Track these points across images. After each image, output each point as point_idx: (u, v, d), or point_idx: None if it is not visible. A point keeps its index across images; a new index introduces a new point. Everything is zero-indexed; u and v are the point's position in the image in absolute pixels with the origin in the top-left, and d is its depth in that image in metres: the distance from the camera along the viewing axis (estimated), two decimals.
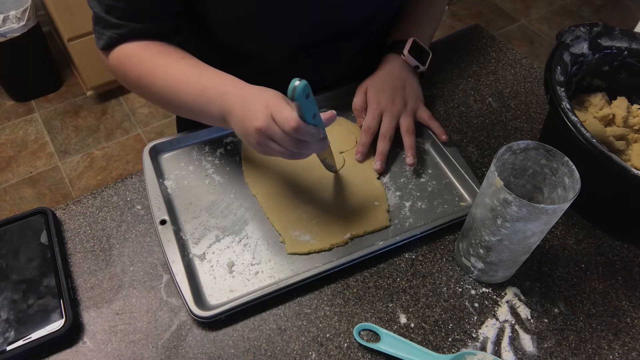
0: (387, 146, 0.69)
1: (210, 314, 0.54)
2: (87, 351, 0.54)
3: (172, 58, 0.62)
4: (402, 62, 0.75)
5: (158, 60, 0.61)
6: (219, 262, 0.59)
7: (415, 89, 0.75)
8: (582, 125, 0.56)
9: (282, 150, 0.53)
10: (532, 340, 0.56)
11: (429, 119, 0.73)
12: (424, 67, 0.76)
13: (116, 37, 0.62)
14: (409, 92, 0.74)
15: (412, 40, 0.75)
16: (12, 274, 0.57)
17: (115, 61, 0.64)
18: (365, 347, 0.54)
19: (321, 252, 0.61)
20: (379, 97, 0.72)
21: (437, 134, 0.72)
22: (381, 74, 0.74)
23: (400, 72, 0.74)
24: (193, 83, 0.59)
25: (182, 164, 0.69)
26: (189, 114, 0.63)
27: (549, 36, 2.34)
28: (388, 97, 0.72)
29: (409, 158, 0.69)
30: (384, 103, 0.71)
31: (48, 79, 2.00)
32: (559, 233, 0.65)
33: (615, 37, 0.69)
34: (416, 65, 0.75)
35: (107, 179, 1.75)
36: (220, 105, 0.57)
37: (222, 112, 0.57)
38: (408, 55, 0.74)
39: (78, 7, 1.66)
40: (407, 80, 0.74)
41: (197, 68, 0.61)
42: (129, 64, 0.62)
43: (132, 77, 0.63)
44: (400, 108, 0.72)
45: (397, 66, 0.75)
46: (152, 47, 0.63)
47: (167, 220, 0.61)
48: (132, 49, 0.62)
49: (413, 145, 0.70)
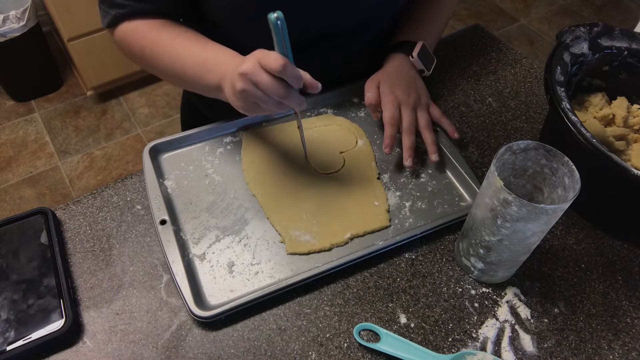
0: (413, 140, 0.68)
1: (210, 314, 0.54)
2: (87, 351, 0.54)
3: (175, 32, 0.64)
4: (410, 62, 0.75)
5: (162, 34, 0.64)
6: (219, 262, 0.59)
7: (424, 87, 0.75)
8: (582, 125, 0.56)
9: (266, 98, 0.53)
10: (532, 340, 0.56)
11: (440, 116, 0.73)
12: (428, 73, 0.76)
13: (119, 16, 0.65)
14: (421, 88, 0.74)
15: (421, 43, 0.74)
16: (12, 274, 0.57)
17: (120, 36, 0.67)
18: (365, 347, 0.54)
19: (321, 252, 0.61)
20: (394, 89, 0.70)
21: (448, 132, 0.72)
22: (390, 70, 0.74)
23: (409, 69, 0.74)
24: (196, 54, 0.62)
25: (182, 164, 0.69)
26: (189, 85, 0.65)
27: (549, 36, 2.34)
28: (403, 89, 0.71)
29: (434, 155, 0.68)
30: (400, 95, 0.70)
31: (48, 79, 2.00)
32: (559, 233, 0.65)
33: (615, 37, 0.69)
34: (422, 69, 0.75)
35: (107, 179, 1.75)
36: (217, 73, 0.59)
37: (219, 79, 0.59)
38: (416, 58, 0.74)
39: (78, 7, 1.66)
40: (416, 78, 0.74)
41: (200, 41, 0.63)
42: (133, 38, 0.66)
43: (136, 50, 0.66)
44: (416, 101, 0.71)
45: (405, 64, 0.74)
46: (156, 22, 0.65)
47: (167, 220, 0.61)
48: (136, 25, 0.65)
49: (435, 140, 0.69)
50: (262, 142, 0.71)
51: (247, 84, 0.53)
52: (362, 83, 0.75)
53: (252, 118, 0.73)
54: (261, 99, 0.54)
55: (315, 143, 0.71)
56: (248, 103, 0.55)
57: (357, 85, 0.78)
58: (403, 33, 0.78)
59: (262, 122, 0.74)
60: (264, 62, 0.51)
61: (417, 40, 0.75)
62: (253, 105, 0.55)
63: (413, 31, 0.78)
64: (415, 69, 0.75)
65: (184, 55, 0.62)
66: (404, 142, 0.68)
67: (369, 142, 0.73)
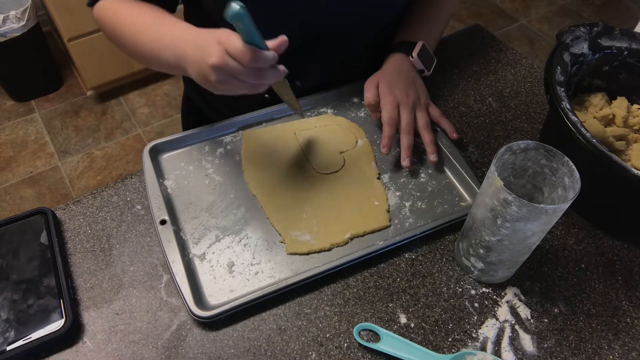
0: (411, 140, 0.68)
1: (210, 314, 0.54)
2: (87, 351, 0.54)
3: (142, 10, 0.64)
4: (410, 62, 0.75)
5: (129, 12, 0.64)
6: (219, 262, 0.59)
7: (423, 87, 0.75)
8: (582, 125, 0.56)
9: (241, 84, 0.53)
10: (532, 340, 0.56)
11: (439, 116, 0.73)
12: (428, 73, 0.76)
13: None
14: (420, 88, 0.74)
15: (421, 44, 0.74)
16: (12, 274, 0.57)
17: (97, 15, 0.68)
18: (365, 347, 0.54)
19: (321, 252, 0.61)
20: (393, 89, 0.70)
21: (447, 132, 0.72)
22: (390, 69, 0.74)
23: (409, 69, 0.74)
24: (150, 31, 0.61)
25: (182, 164, 0.69)
26: (151, 63, 0.64)
27: (549, 36, 2.34)
28: (402, 89, 0.71)
29: (432, 155, 0.68)
30: (399, 95, 0.70)
31: (48, 79, 2.00)
32: (559, 233, 0.65)
33: (615, 37, 0.69)
34: (422, 69, 0.75)
35: (107, 179, 1.75)
36: (173, 51, 0.57)
37: (176, 58, 0.57)
38: (416, 58, 0.74)
39: (78, 7, 1.66)
40: (415, 78, 0.74)
41: (158, 17, 0.62)
42: (106, 16, 0.66)
43: (109, 28, 0.66)
44: (415, 101, 0.71)
45: (405, 64, 0.74)
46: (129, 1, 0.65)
47: (167, 220, 0.61)
48: (111, 3, 0.66)
49: (434, 140, 0.69)
50: (262, 142, 0.71)
51: (221, 75, 0.52)
52: (362, 83, 0.75)
53: (252, 118, 0.74)
54: (238, 86, 0.53)
55: (315, 143, 0.71)
56: (227, 91, 0.55)
57: (357, 85, 0.78)
58: (403, 33, 0.78)
59: (262, 122, 0.74)
60: (231, 52, 0.50)
61: (417, 40, 0.75)
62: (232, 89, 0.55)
63: (413, 31, 0.78)
64: (415, 69, 0.75)
65: (142, 32, 0.62)
66: (402, 142, 0.68)
67: (369, 142, 0.73)
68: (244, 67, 0.51)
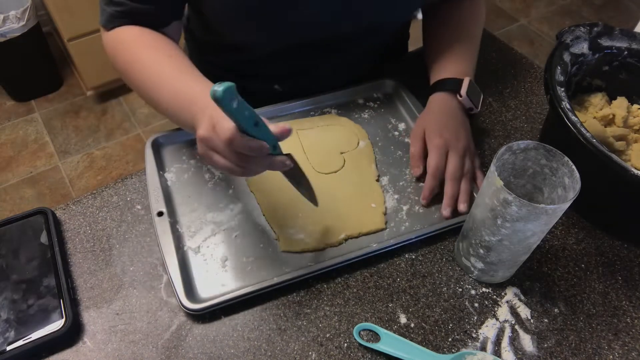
0: (457, 188, 0.64)
1: (200, 307, 0.54)
2: (87, 351, 0.54)
3: (159, 54, 0.61)
4: (457, 102, 0.70)
5: (145, 54, 0.61)
6: (212, 256, 0.60)
7: (470, 132, 0.69)
8: (582, 126, 0.56)
9: (225, 163, 0.49)
10: (532, 340, 0.56)
11: (478, 168, 0.68)
12: (477, 109, 0.71)
13: (116, 14, 0.63)
14: (468, 133, 0.68)
15: (468, 80, 0.69)
16: (12, 274, 0.57)
17: (110, 43, 0.65)
18: (365, 347, 0.54)
19: (315, 251, 0.61)
20: (443, 132, 0.66)
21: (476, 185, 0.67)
22: (436, 110, 0.69)
23: (458, 111, 0.69)
24: (168, 85, 0.58)
25: (184, 157, 0.69)
26: (168, 116, 0.61)
27: (549, 36, 2.34)
28: (452, 132, 0.66)
29: (463, 205, 0.63)
30: (449, 139, 0.65)
31: (48, 79, 2.00)
32: (559, 233, 0.65)
33: (615, 37, 0.69)
34: (470, 107, 0.70)
35: (107, 179, 1.75)
36: (190, 114, 0.54)
37: (192, 122, 0.54)
38: (465, 97, 0.68)
39: (78, 7, 1.66)
40: (465, 121, 0.69)
41: (176, 70, 0.59)
42: (120, 49, 0.64)
43: (120, 62, 0.64)
44: (466, 146, 0.66)
45: (452, 104, 0.69)
46: (146, 37, 0.63)
47: (164, 212, 0.61)
48: (126, 35, 0.63)
49: (470, 191, 0.65)
50: None
51: (204, 149, 0.50)
52: (368, 84, 0.74)
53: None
54: (221, 164, 0.49)
55: (316, 142, 0.71)
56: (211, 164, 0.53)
57: (362, 86, 0.78)
58: (442, 70, 0.73)
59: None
60: (217, 129, 0.47)
61: (460, 76, 0.70)
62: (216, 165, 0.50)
63: (453, 66, 0.72)
64: (464, 108, 0.70)
65: (158, 84, 0.59)
66: (446, 189, 0.64)
67: (371, 143, 0.72)
68: (226, 147, 0.47)
